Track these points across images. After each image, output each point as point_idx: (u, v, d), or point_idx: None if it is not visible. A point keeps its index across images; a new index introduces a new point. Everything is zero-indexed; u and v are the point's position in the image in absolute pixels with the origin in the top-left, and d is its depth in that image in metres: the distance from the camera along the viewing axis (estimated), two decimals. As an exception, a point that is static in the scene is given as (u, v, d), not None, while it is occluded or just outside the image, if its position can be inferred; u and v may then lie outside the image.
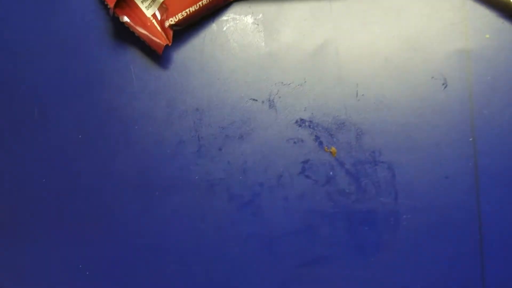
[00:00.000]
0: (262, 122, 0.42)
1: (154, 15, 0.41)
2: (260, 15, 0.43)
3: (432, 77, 0.42)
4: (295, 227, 0.41)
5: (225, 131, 0.42)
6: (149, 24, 0.40)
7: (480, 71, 0.42)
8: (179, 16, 0.40)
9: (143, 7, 0.40)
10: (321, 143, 0.42)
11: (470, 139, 0.41)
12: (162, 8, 0.40)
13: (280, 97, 0.42)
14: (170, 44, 0.41)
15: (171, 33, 0.41)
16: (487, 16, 0.42)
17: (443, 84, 0.42)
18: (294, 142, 0.42)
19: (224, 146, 0.42)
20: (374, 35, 0.42)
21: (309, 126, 0.42)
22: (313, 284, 0.40)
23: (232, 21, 0.43)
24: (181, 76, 0.43)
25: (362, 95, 0.42)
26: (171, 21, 0.40)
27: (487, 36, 0.42)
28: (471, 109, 0.42)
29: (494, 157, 0.40)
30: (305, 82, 0.42)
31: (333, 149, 0.41)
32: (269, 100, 0.42)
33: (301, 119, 0.42)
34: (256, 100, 0.42)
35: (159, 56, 0.43)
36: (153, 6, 0.40)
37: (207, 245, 0.41)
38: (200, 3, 0.40)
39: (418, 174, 0.41)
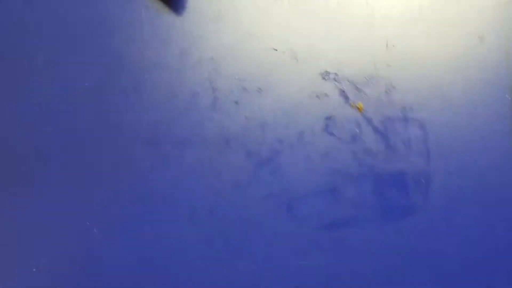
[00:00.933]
0: (283, 74, 0.39)
1: None
2: (284, -44, 0.39)
3: (468, 31, 0.39)
4: (317, 187, 0.38)
5: (242, 83, 0.39)
6: None
7: (521, 24, 0.38)
8: (196, -47, 0.36)
9: None
10: (347, 98, 0.38)
11: (507, 97, 0.38)
12: None
13: (303, 47, 0.39)
14: (185, -16, 0.37)
15: (186, -28, 0.37)
16: (533, -37, 0.38)
17: (479, 37, 0.39)
18: (317, 97, 0.38)
19: (241, 99, 0.39)
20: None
21: (334, 79, 0.39)
22: (335, 248, 0.37)
23: (253, -38, 0.40)
24: (195, 22, 0.39)
25: (393, 46, 0.39)
26: (187, -42, 0.37)
27: (531, -15, 0.38)
28: (509, 64, 0.38)
29: (535, 116, 0.37)
30: (331, 31, 0.39)
31: (360, 104, 0.38)
32: (291, 50, 0.39)
33: (326, 72, 0.39)
34: (277, 50, 0.39)
35: (172, 0, 0.39)
36: None
37: (222, 204, 0.38)
38: None
39: (451, 133, 0.38)
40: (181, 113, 0.39)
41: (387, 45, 0.39)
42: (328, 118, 0.38)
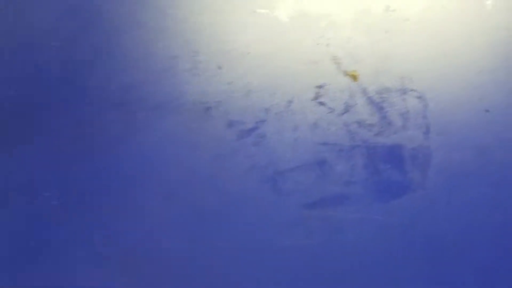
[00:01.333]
0: (271, 38, 0.35)
1: None
2: None
3: (475, -4, 0.36)
4: (305, 161, 0.34)
5: (226, 46, 0.35)
6: None
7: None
8: None
9: None
10: (340, 65, 0.35)
11: (517, 69, 0.35)
12: None
13: (294, 10, 0.35)
14: None
15: None
16: None
17: (488, 2, 0.36)
18: (309, 63, 0.35)
19: (224, 63, 0.35)
20: None
21: (327, 45, 0.35)
22: (322, 227, 0.33)
23: None
24: (177, -22, 0.36)
25: (393, 10, 0.35)
26: None
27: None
28: (518, 36, 0.35)
29: (545, 89, 0.34)
30: (325, -10, 0.36)
31: (355, 72, 0.35)
32: (281, 12, 0.35)
33: (319, 37, 0.35)
34: (266, 11, 0.36)
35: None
36: None
37: (200, 176, 0.34)
38: None
39: (454, 106, 0.34)
40: (157, 77, 0.35)
41: (386, 9, 0.35)
42: (319, 86, 0.35)
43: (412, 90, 0.35)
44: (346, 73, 0.35)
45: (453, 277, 0.32)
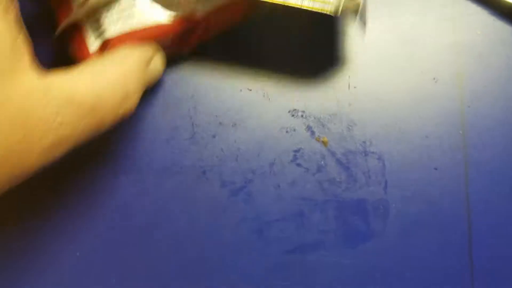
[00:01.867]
0: (255, 111, 0.43)
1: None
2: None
3: (422, 72, 0.43)
4: (286, 214, 0.41)
5: (219, 119, 0.43)
6: None
7: (470, 66, 0.43)
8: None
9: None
10: (313, 133, 0.42)
11: (460, 132, 0.42)
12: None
13: (274, 87, 0.43)
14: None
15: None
16: (478, 13, 0.43)
17: (434, 78, 0.43)
18: (287, 131, 0.42)
19: (217, 133, 0.43)
20: (366, 29, 0.44)
21: (302, 116, 0.43)
22: (300, 270, 0.40)
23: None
24: (178, 65, 0.44)
25: (354, 87, 0.43)
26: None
27: (478, 32, 0.43)
28: (462, 103, 0.42)
29: (482, 149, 0.41)
30: (299, 73, 0.43)
31: (325, 139, 0.42)
32: (263, 89, 0.43)
33: (294, 109, 0.43)
34: (251, 90, 0.43)
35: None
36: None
37: (198, 228, 0.41)
38: None
39: (407, 165, 0.41)
40: (162, 145, 0.43)
41: (348, 86, 0.43)
42: (296, 150, 0.42)
43: (372, 152, 0.42)
44: (318, 139, 0.42)
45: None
